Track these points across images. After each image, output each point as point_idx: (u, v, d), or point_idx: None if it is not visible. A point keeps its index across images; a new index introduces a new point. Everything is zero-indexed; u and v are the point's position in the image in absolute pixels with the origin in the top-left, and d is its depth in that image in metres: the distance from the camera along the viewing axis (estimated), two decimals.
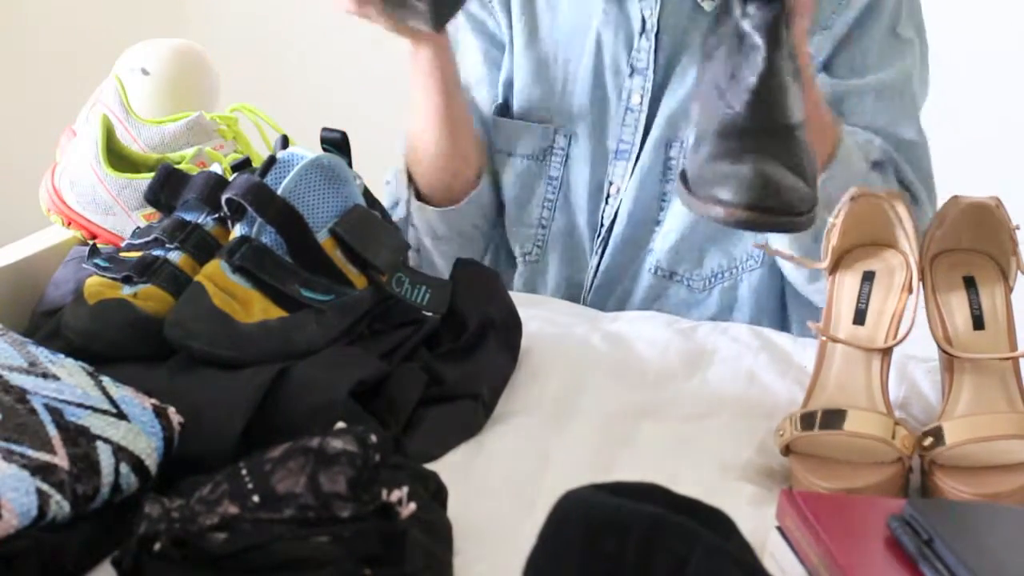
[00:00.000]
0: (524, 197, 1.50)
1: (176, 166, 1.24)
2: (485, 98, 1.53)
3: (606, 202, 1.48)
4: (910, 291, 1.09)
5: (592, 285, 1.49)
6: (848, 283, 1.13)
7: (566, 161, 1.48)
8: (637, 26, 1.45)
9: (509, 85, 1.51)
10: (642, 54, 1.44)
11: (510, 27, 1.51)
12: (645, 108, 1.44)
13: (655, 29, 1.43)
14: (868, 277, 1.13)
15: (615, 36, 1.45)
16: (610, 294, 1.49)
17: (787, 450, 1.03)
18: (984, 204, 1.10)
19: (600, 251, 1.48)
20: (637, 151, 1.45)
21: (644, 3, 1.43)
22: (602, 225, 1.48)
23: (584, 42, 1.47)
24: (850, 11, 1.41)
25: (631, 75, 1.45)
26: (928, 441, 1.00)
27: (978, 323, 1.09)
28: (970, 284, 1.11)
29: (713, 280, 1.47)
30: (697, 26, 1.43)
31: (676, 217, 1.45)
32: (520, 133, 1.50)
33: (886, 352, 1.08)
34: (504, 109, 1.52)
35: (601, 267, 1.48)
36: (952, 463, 1.00)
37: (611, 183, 1.47)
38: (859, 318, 1.11)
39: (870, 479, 0.99)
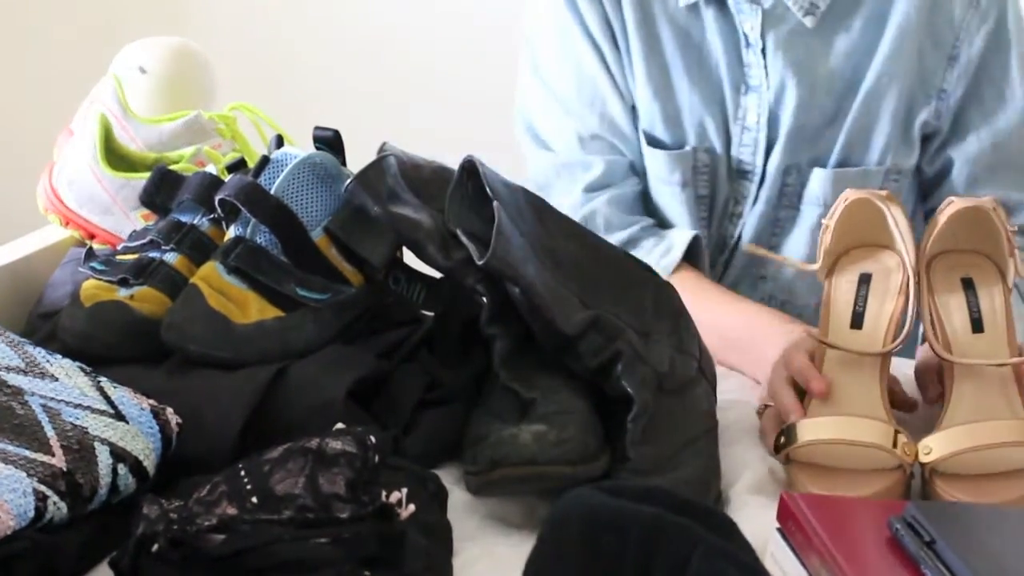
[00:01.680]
0: (676, 217, 1.43)
1: (175, 165, 1.24)
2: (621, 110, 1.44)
3: (731, 221, 1.44)
4: (907, 295, 1.08)
5: None
6: (844, 286, 1.12)
7: (713, 176, 1.42)
8: (743, 40, 1.38)
9: (632, 107, 1.43)
10: (754, 70, 1.38)
11: (626, 40, 1.41)
12: (764, 127, 1.39)
13: (760, 44, 1.37)
14: (865, 279, 1.12)
15: (724, 49, 1.38)
16: None
17: (787, 459, 1.02)
18: (981, 206, 1.09)
19: (722, 271, 1.44)
20: (760, 173, 1.41)
21: (743, 16, 1.37)
22: (726, 244, 1.44)
23: (699, 55, 1.40)
24: (976, 39, 1.37)
25: (746, 92, 1.39)
26: (928, 449, 0.99)
27: (977, 326, 1.08)
28: (968, 286, 1.11)
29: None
30: (803, 43, 1.37)
31: (791, 251, 1.41)
32: (673, 162, 1.41)
33: (885, 356, 1.07)
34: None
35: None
36: (952, 471, 0.99)
37: (736, 201, 1.42)
38: (857, 322, 1.10)
39: (871, 487, 0.99)
